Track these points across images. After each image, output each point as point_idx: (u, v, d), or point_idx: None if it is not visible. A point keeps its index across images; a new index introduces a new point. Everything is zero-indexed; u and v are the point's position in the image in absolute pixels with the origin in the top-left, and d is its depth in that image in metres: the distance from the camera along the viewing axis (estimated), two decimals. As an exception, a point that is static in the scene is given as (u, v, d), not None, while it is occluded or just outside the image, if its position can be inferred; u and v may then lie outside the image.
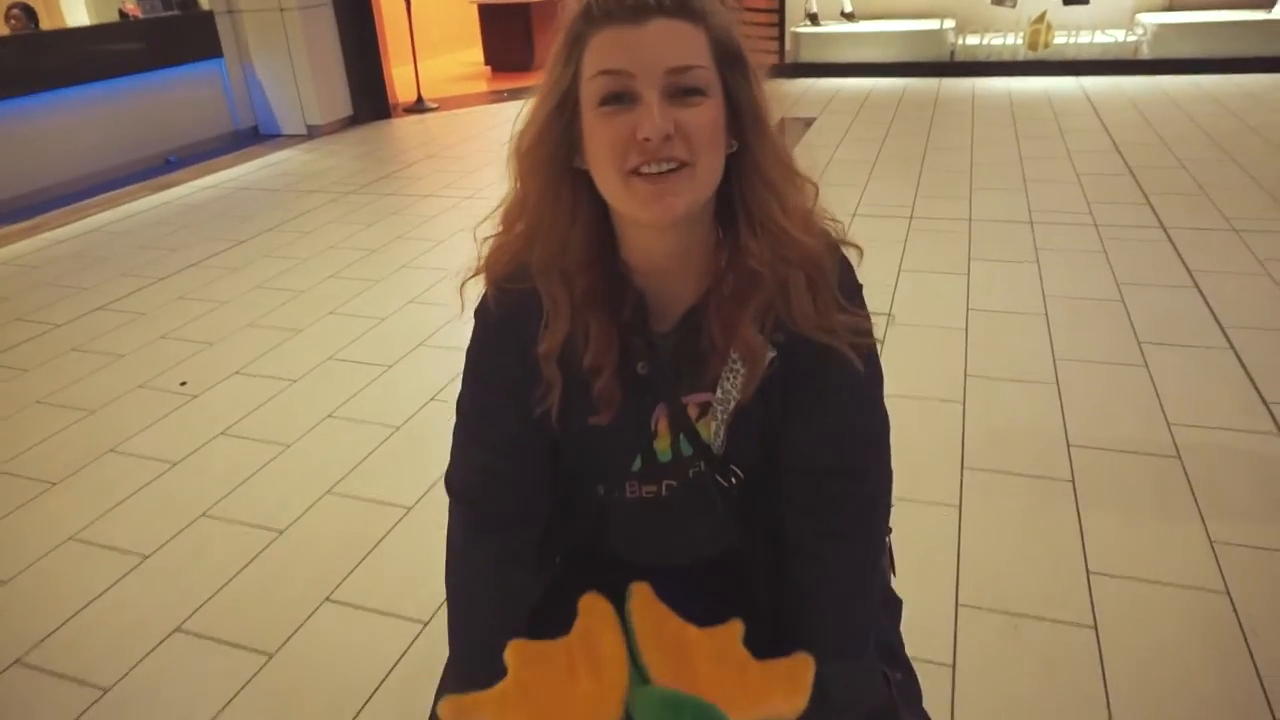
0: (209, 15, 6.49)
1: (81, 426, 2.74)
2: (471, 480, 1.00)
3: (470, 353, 0.98)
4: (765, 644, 0.90)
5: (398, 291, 3.65)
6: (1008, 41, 7.39)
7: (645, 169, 0.79)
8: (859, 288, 0.94)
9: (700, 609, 0.94)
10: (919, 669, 1.64)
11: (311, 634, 1.84)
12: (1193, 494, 2.08)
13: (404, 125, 7.18)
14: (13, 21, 5.79)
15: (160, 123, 6.21)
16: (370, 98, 7.25)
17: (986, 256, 3.56)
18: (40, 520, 2.29)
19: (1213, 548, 1.91)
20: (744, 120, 0.83)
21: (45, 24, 7.78)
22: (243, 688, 1.71)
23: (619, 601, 0.92)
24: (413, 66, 7.60)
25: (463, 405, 1.00)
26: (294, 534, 2.17)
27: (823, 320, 0.87)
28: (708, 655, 0.86)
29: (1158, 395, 2.50)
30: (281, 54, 6.64)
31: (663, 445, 0.97)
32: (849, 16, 7.99)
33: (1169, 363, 2.66)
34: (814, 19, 7.97)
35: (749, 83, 0.83)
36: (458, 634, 1.00)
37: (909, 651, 1.66)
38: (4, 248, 4.64)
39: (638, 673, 0.86)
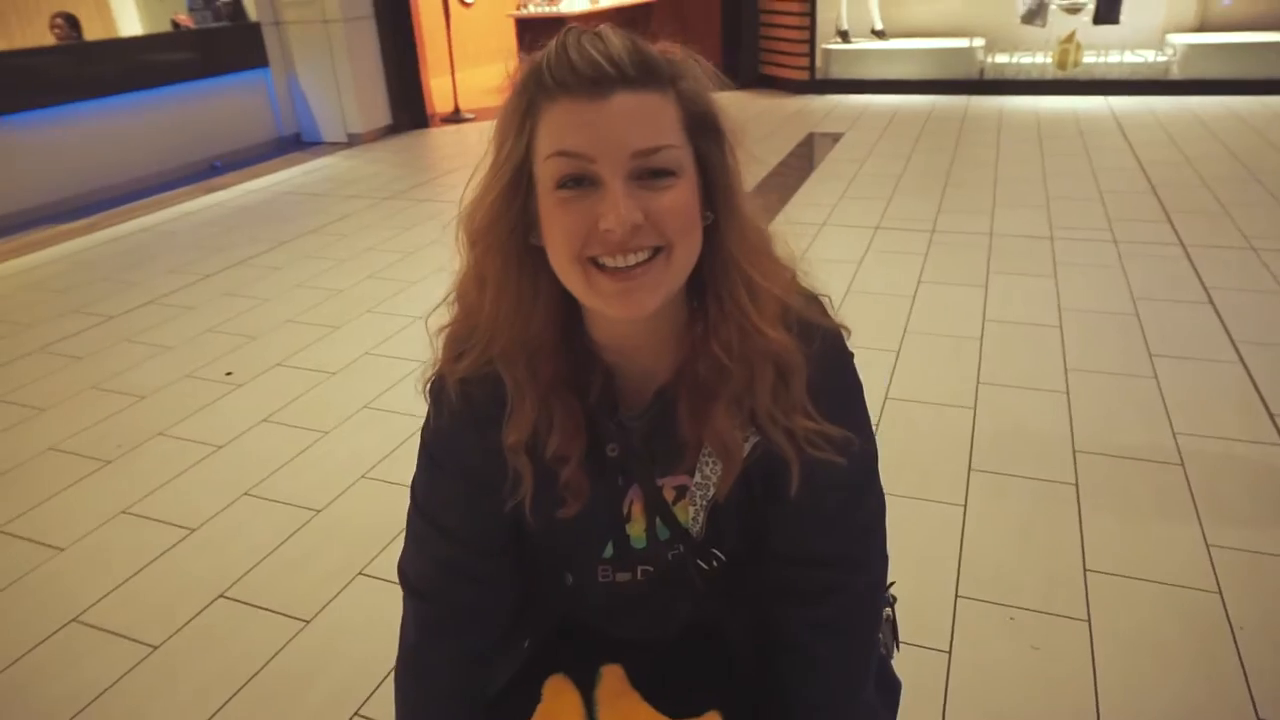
0: (256, 26, 6.74)
1: (132, 411, 2.91)
2: (428, 573, 0.92)
3: (425, 436, 0.90)
4: None
5: (433, 292, 3.79)
6: (1037, 60, 7.44)
7: (608, 261, 0.72)
8: (850, 389, 0.87)
9: (678, 684, 0.92)
10: (916, 655, 1.74)
11: (345, 605, 1.97)
12: (1193, 499, 2.15)
13: (441, 134, 7.38)
14: (56, 30, 6.04)
15: (209, 129, 6.45)
16: (409, 107, 7.46)
17: (1005, 270, 3.63)
18: (94, 495, 2.45)
19: (1208, 550, 1.98)
20: (716, 193, 0.76)
21: (99, 33, 8.10)
22: (280, 650, 1.84)
23: (589, 679, 0.88)
24: (450, 78, 7.81)
25: (415, 491, 0.92)
26: (330, 513, 2.30)
27: (787, 423, 0.80)
28: None
29: (1165, 405, 2.56)
30: (325, 64, 6.87)
31: (636, 530, 0.90)
32: (880, 34, 8.08)
33: (1178, 375, 2.72)
34: (845, 36, 8.07)
35: (722, 152, 0.77)
36: None
37: (904, 636, 1.76)
38: (63, 244, 4.87)
39: None
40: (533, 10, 9.68)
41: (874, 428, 2.48)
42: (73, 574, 2.13)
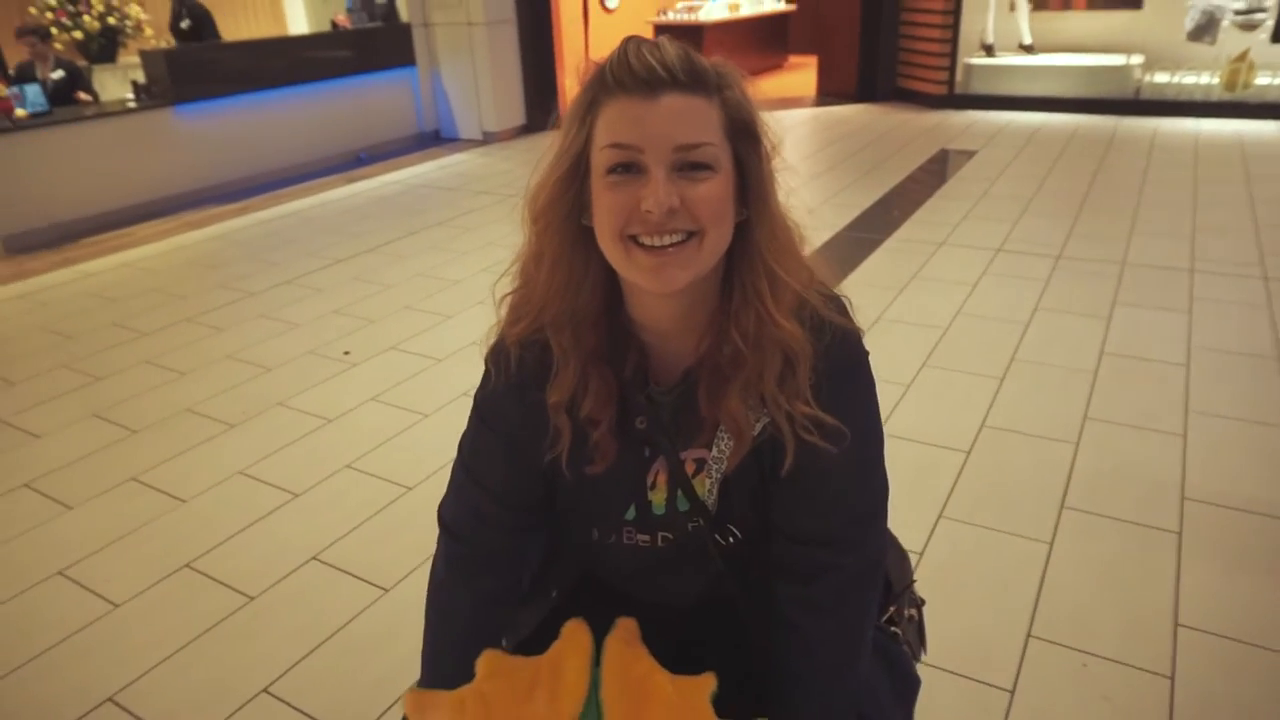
0: (406, 27, 7.13)
1: (258, 382, 3.15)
2: (462, 518, 1.02)
3: (478, 396, 1.00)
4: (750, 699, 0.93)
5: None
6: (1201, 80, 6.94)
7: (646, 240, 0.80)
8: (857, 383, 0.92)
9: (689, 652, 0.98)
10: (977, 690, 1.69)
11: (421, 578, 2.06)
12: (1311, 562, 1.98)
13: (571, 136, 7.57)
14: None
15: (357, 122, 6.88)
16: (543, 109, 7.71)
17: (1132, 302, 3.43)
18: (217, 455, 2.67)
19: (1322, 618, 1.82)
20: (750, 193, 0.84)
21: (272, 31, 8.75)
22: (360, 613, 1.97)
23: (604, 626, 0.94)
24: (585, 81, 8.00)
25: (463, 445, 1.03)
26: (420, 491, 2.43)
27: (788, 407, 0.87)
28: (668, 705, 0.86)
29: (1294, 458, 2.36)
30: (466, 65, 7.19)
31: (658, 499, 0.97)
32: (1028, 49, 7.74)
33: (1316, 427, 2.51)
34: (989, 50, 7.77)
35: (759, 157, 0.84)
36: (427, 663, 1.04)
37: (967, 670, 1.71)
38: (219, 224, 5.31)
39: (594, 707, 0.86)
40: (672, 17, 9.81)
41: (968, 450, 2.38)
42: (190, 524, 2.33)
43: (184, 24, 5.66)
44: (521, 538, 1.03)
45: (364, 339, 3.47)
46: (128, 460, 2.66)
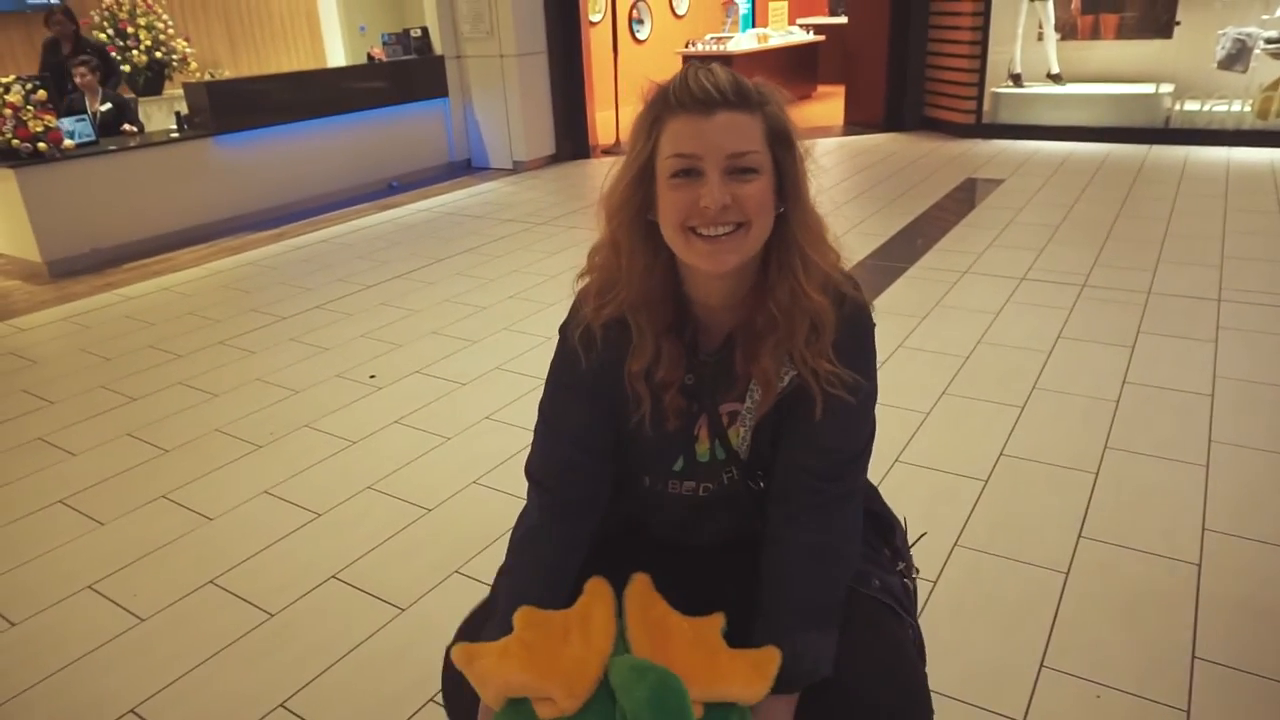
0: (440, 60, 7.30)
1: (286, 403, 3.22)
2: (550, 469, 1.17)
3: (554, 364, 1.17)
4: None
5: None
6: (1233, 109, 6.88)
7: (704, 230, 0.98)
8: (864, 346, 1.10)
9: (712, 588, 1.14)
10: (987, 718, 1.68)
11: (437, 599, 2.11)
12: (1336, 596, 1.94)
13: (600, 165, 7.69)
14: (55, 28, 6.41)
15: (390, 152, 7.04)
16: (572, 138, 7.83)
17: (1158, 331, 3.40)
18: (245, 474, 2.74)
19: (1345, 654, 1.78)
20: (787, 190, 1.01)
21: (312, 64, 8.99)
22: (376, 632, 2.00)
23: (622, 580, 1.09)
24: (614, 111, 8.13)
25: (544, 407, 1.19)
26: (440, 513, 2.47)
27: (814, 364, 1.04)
28: (685, 638, 1.01)
29: (1321, 491, 2.32)
30: (497, 96, 7.34)
31: (702, 449, 1.15)
32: (1056, 78, 7.73)
33: (1343, 459, 2.46)
34: (1017, 80, 7.77)
35: (794, 160, 1.02)
36: (509, 597, 1.12)
37: (978, 700, 1.70)
38: (254, 250, 5.46)
39: (622, 644, 1.01)
40: (701, 49, 9.94)
41: (985, 479, 2.37)
42: (216, 541, 2.39)
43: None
44: (600, 485, 1.17)
45: (390, 363, 3.54)
46: (159, 479, 2.74)
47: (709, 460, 1.15)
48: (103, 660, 1.96)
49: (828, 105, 9.99)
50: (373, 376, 3.41)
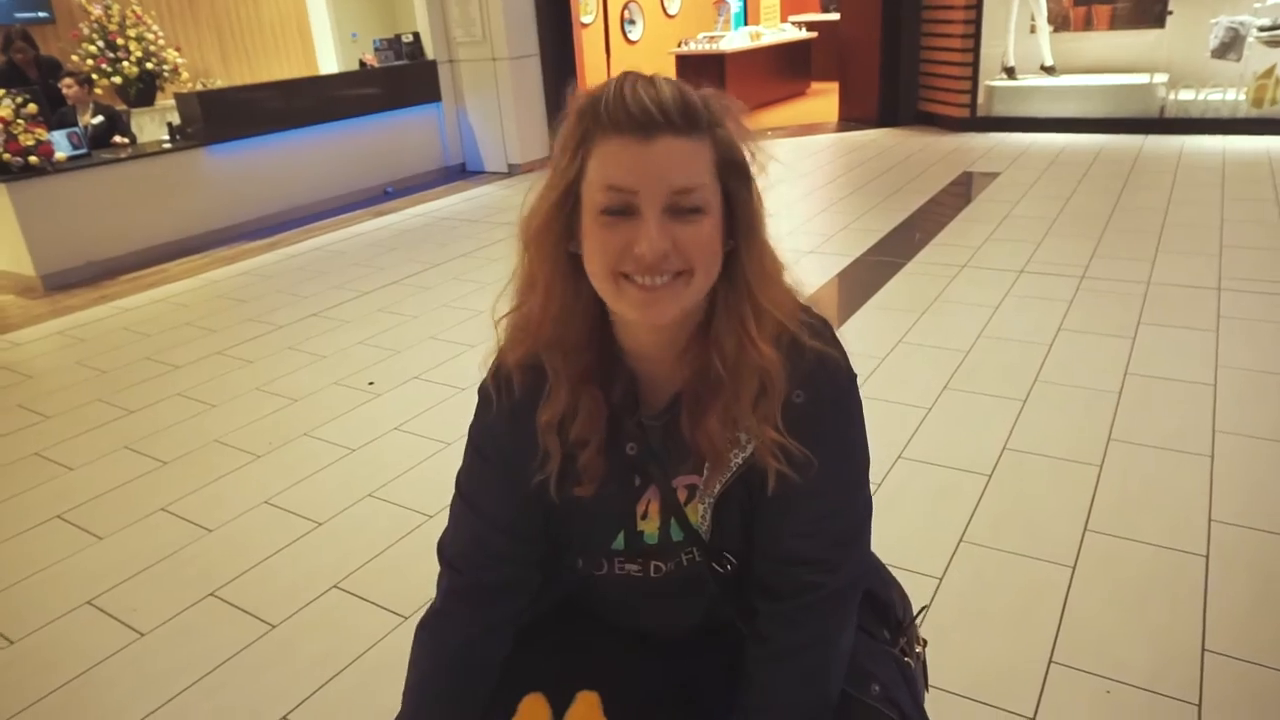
0: (432, 65, 7.28)
1: (285, 412, 3.21)
2: (464, 550, 1.02)
3: (472, 429, 1.01)
4: None
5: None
6: (1228, 97, 6.87)
7: (638, 278, 0.82)
8: (838, 406, 0.93)
9: (682, 682, 1.01)
10: (995, 716, 1.66)
11: (441, 605, 2.09)
12: (1345, 585, 1.93)
13: (594, 167, 7.66)
14: (18, 55, 6.26)
15: (384, 157, 7.02)
16: (566, 140, 7.80)
17: (1158, 321, 3.38)
18: (244, 484, 2.72)
19: (1356, 643, 1.77)
20: (738, 226, 0.86)
21: (304, 72, 8.97)
22: (377, 643, 1.98)
23: (564, 702, 0.93)
24: (607, 113, 8.10)
25: (461, 478, 1.03)
26: (441, 520, 2.43)
27: (759, 431, 0.88)
28: None
29: (1327, 479, 2.31)
30: (491, 99, 7.33)
31: (650, 528, 0.98)
32: (1049, 70, 7.72)
33: (1349, 446, 2.45)
34: (1010, 72, 7.76)
35: (748, 191, 0.86)
36: (407, 709, 1.02)
37: (986, 697, 1.69)
38: (250, 259, 5.44)
39: None
40: (693, 47, 9.92)
41: (989, 473, 2.36)
42: (216, 553, 2.37)
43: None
44: (521, 570, 1.02)
45: (388, 369, 3.52)
46: (157, 491, 2.72)
47: (658, 542, 0.98)
48: (103, 676, 1.94)
49: (822, 102, 9.98)
50: (371, 383, 3.39)
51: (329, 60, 9.28)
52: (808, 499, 0.92)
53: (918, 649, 1.13)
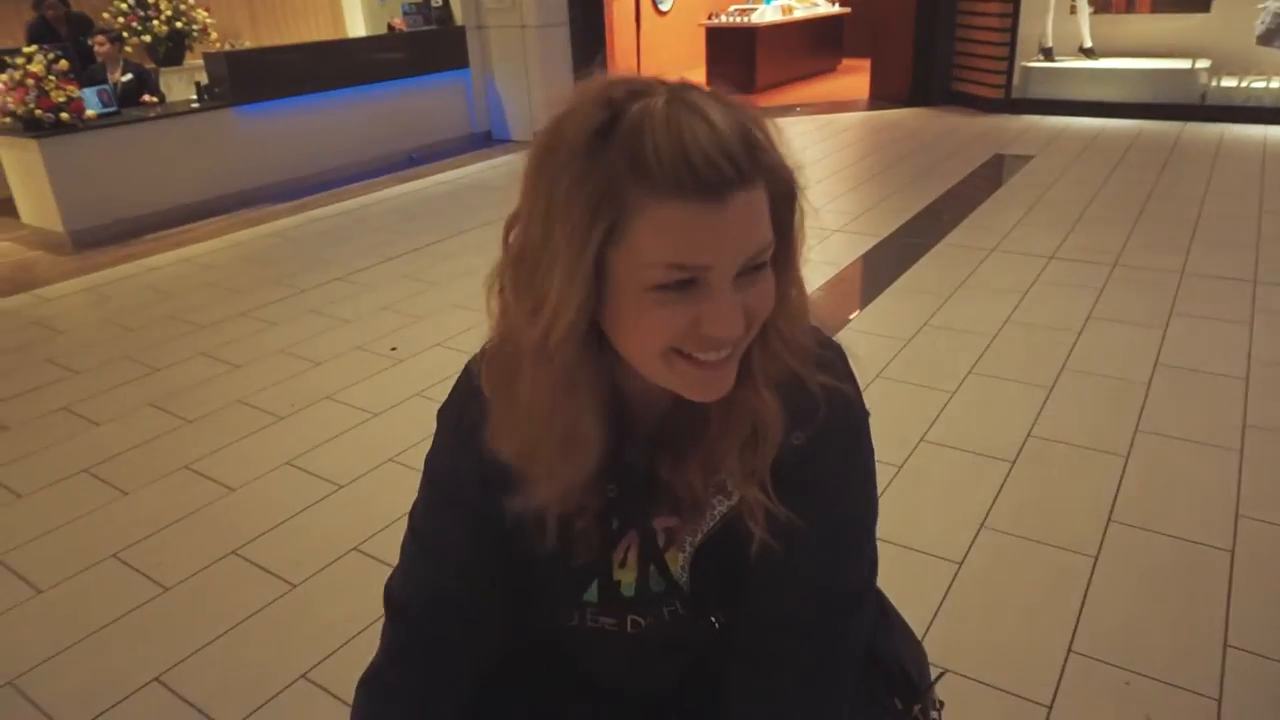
0: (461, 30, 7.23)
1: (308, 375, 3.22)
2: (414, 597, 0.87)
3: (429, 458, 0.88)
4: None
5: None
6: (1272, 85, 6.70)
7: (700, 355, 0.66)
8: (851, 457, 0.80)
9: None
10: (1014, 704, 1.66)
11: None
12: (1374, 585, 1.90)
13: (620, 138, 7.61)
14: (50, 11, 6.34)
15: (411, 123, 7.00)
16: (593, 111, 7.74)
17: (1191, 313, 3.33)
18: (267, 446, 2.74)
19: (1383, 644, 1.74)
20: (777, 256, 0.69)
21: (332, 35, 8.94)
22: (397, 605, 2.00)
23: None
24: (636, 84, 8.03)
25: (415, 514, 0.90)
26: (460, 487, 2.46)
27: (742, 487, 0.75)
28: None
29: (1359, 478, 2.27)
30: (519, 66, 7.27)
31: (628, 577, 0.83)
32: (1088, 53, 7.55)
33: (1383, 445, 2.40)
34: (1048, 54, 7.60)
35: (794, 217, 0.69)
36: None
37: (1004, 684, 1.68)
38: (275, 221, 5.45)
39: None
40: (725, 20, 9.79)
41: (1012, 460, 2.33)
42: (238, 512, 2.40)
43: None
44: (480, 625, 0.87)
45: (411, 335, 3.53)
46: (182, 449, 2.75)
47: (636, 595, 0.84)
48: (128, 628, 1.98)
49: (853, 79, 9.83)
50: (394, 349, 3.40)
51: (357, 24, 9.25)
52: (800, 555, 0.77)
53: (933, 714, 0.97)
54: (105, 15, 7.13)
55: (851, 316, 3.52)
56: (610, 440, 0.74)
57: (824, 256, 4.16)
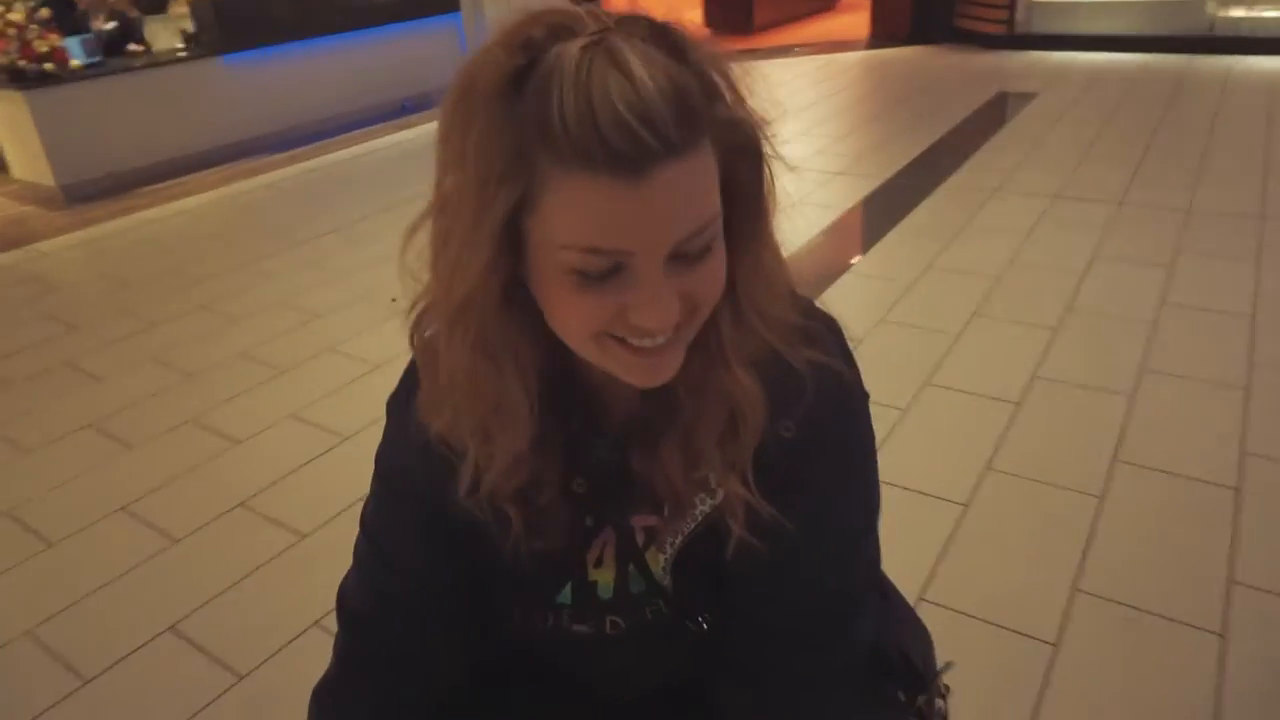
0: (451, -29, 7.04)
1: (309, 328, 3.21)
2: (366, 606, 0.81)
3: (379, 452, 0.81)
4: None
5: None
6: (1282, 16, 6.55)
7: (634, 341, 0.59)
8: (849, 445, 0.73)
9: None
10: (1020, 643, 1.68)
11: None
12: (1378, 520, 1.91)
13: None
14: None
15: (402, 71, 6.84)
16: (588, 54, 7.57)
17: (1197, 250, 3.29)
18: (269, 398, 2.74)
19: (1386, 577, 1.76)
20: (736, 219, 0.60)
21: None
22: (407, 554, 2.02)
23: None
24: (631, 25, 7.84)
25: (366, 515, 0.82)
26: (465, 437, 2.46)
27: (721, 480, 0.68)
28: None
29: (1365, 413, 2.27)
30: (509, 9, 7.08)
31: (605, 578, 0.76)
32: (1095, -16, 7.37)
33: (1389, 381, 2.40)
34: (1054, -14, 7.42)
35: (757, 176, 0.60)
36: None
37: (1009, 623, 1.70)
38: (270, 173, 5.38)
39: None
40: (721, -43, 9.52)
41: (1017, 401, 2.32)
42: (244, 465, 2.41)
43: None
44: (441, 634, 0.80)
45: (414, 286, 3.49)
46: (185, 403, 2.74)
47: (614, 596, 0.76)
48: (139, 579, 1.99)
49: (852, 18, 9.60)
50: (394, 300, 3.37)
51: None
52: (792, 556, 0.70)
53: (939, 703, 0.89)
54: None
55: (853, 260, 3.49)
56: (574, 426, 0.69)
57: (825, 200, 4.11)
